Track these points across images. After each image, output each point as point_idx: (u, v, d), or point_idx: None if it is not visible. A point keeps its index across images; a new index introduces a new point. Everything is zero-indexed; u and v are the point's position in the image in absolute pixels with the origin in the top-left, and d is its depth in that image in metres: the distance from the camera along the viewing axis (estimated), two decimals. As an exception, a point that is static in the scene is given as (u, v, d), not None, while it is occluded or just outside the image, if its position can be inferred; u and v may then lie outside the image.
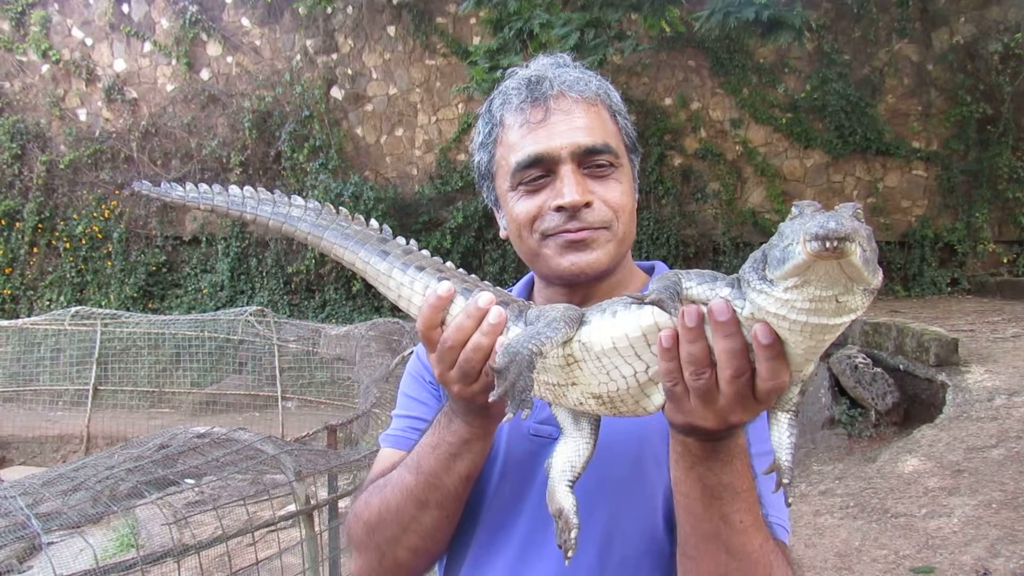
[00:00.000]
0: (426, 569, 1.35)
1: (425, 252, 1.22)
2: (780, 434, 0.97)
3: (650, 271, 1.48)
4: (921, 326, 7.45)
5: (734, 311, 0.89)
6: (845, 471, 5.76)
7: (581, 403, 1.08)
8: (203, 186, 1.24)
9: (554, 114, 1.30)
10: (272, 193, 1.25)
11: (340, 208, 1.25)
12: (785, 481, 0.96)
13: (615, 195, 1.31)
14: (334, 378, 10.70)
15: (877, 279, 0.81)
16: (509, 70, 1.43)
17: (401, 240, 1.22)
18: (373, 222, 1.24)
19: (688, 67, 13.12)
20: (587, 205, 1.27)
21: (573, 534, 1.10)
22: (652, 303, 0.92)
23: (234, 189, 1.25)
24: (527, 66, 1.40)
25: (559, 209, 1.27)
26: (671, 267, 1.23)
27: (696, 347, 0.92)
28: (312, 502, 3.56)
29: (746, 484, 1.05)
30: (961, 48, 12.83)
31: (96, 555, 2.89)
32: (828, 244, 0.74)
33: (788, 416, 0.97)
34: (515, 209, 1.33)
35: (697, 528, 1.07)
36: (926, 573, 4.15)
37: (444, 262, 1.20)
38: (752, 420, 0.97)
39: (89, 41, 14.31)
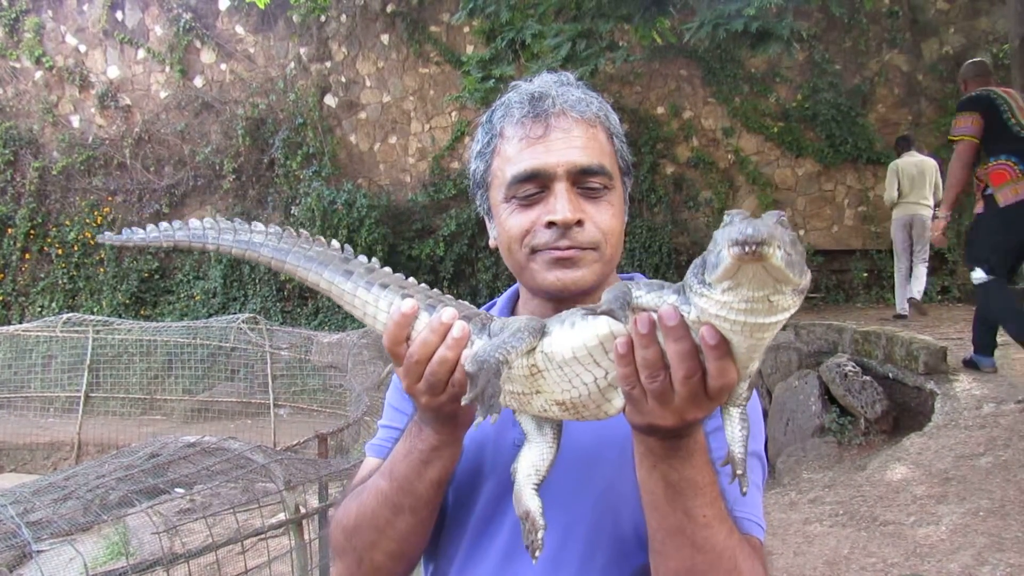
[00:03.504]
0: (404, 575, 1.38)
1: (387, 269, 1.25)
2: (732, 428, 1.03)
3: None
4: (910, 334, 7.49)
5: (682, 316, 0.94)
6: (835, 479, 5.79)
7: (545, 410, 1.13)
8: (163, 224, 1.27)
9: (554, 131, 1.32)
10: (232, 222, 1.28)
11: (300, 231, 1.27)
12: (739, 472, 1.02)
13: (606, 218, 1.33)
14: (326, 385, 10.69)
15: (805, 280, 0.87)
16: (512, 83, 1.44)
17: (363, 258, 1.25)
18: (334, 242, 1.27)
19: (680, 76, 13.20)
20: (578, 224, 1.29)
21: (540, 534, 1.15)
22: (604, 313, 0.98)
23: (194, 222, 1.27)
24: (531, 80, 1.41)
25: (550, 225, 1.29)
26: (663, 275, 1.26)
27: (650, 352, 0.97)
28: (302, 511, 3.58)
29: (707, 479, 1.10)
30: (951, 58, 12.94)
31: (86, 563, 2.90)
32: (747, 248, 0.80)
33: (739, 411, 1.03)
34: (507, 222, 1.35)
35: (663, 523, 1.12)
36: (914, 581, 4.18)
37: (407, 278, 1.24)
38: (707, 416, 1.02)
39: (83, 48, 14.32)
